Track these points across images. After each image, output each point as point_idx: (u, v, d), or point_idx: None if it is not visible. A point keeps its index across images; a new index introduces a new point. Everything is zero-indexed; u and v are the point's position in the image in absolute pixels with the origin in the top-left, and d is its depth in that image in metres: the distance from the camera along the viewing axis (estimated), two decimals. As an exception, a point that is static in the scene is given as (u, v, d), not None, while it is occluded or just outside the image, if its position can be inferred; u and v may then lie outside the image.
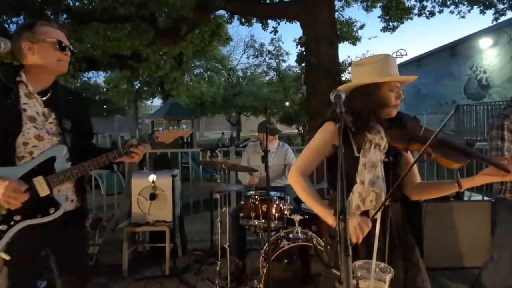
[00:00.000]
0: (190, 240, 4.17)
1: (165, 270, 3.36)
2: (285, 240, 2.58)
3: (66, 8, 5.26)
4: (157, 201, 3.45)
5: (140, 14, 5.72)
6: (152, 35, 6.08)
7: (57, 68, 1.56)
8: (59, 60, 1.54)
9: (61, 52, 1.54)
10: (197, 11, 6.05)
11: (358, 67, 1.53)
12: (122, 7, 5.10)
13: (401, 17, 8.23)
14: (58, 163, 1.52)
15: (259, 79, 22.57)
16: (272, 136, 3.37)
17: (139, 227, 3.44)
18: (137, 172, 3.70)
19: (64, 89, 1.70)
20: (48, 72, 1.57)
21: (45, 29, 1.52)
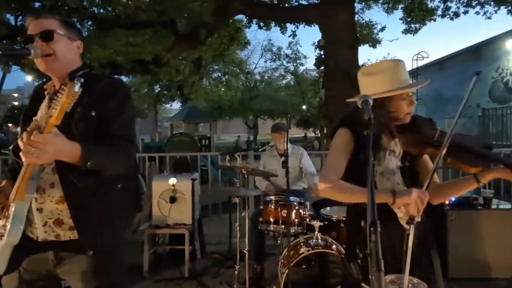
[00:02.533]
0: (208, 242, 4.20)
1: (184, 272, 3.40)
2: (305, 246, 2.55)
3: (91, 15, 5.45)
4: (177, 204, 3.50)
5: (161, 20, 5.85)
6: (172, 40, 6.20)
7: (39, 68, 1.31)
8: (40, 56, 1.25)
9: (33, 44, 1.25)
10: (216, 16, 6.13)
11: (367, 77, 1.47)
12: (144, 14, 5.23)
13: (423, 18, 8.05)
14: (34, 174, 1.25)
15: (276, 83, 22.63)
16: (279, 133, 3.35)
17: (159, 229, 3.50)
18: (157, 175, 3.76)
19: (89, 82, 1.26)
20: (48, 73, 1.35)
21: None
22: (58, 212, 1.27)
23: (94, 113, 1.26)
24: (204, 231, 4.17)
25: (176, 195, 3.50)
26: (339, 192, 1.41)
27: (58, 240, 1.29)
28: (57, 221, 1.28)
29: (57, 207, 1.27)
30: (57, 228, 1.28)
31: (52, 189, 1.27)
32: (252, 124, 26.94)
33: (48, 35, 1.27)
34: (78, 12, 5.25)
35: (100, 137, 1.24)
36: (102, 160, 1.18)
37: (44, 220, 1.27)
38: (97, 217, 1.30)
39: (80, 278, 1.29)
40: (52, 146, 1.02)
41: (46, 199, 1.27)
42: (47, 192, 1.27)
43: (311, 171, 3.51)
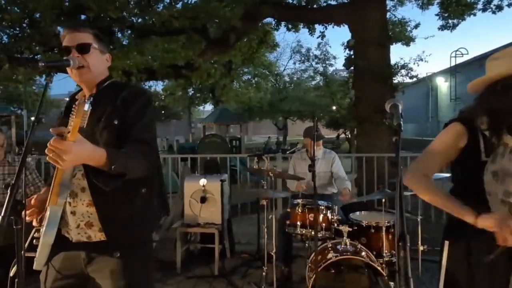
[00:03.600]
0: (238, 242, 4.32)
1: (214, 271, 3.52)
2: (333, 251, 2.54)
3: (130, 24, 5.79)
4: (207, 204, 3.65)
5: (193, 26, 6.07)
6: (204, 45, 6.41)
7: (73, 78, 1.41)
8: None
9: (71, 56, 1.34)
10: (245, 20, 6.26)
11: (494, 61, 1.34)
12: (177, 21, 5.48)
13: (462, 13, 7.63)
14: (64, 181, 1.36)
15: (306, 84, 22.49)
16: (316, 142, 3.37)
17: (190, 228, 3.66)
18: (189, 176, 3.94)
19: (115, 90, 1.42)
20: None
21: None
22: (88, 215, 1.36)
23: (117, 121, 1.33)
24: (234, 231, 4.29)
25: (206, 195, 3.65)
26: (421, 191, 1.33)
27: (89, 241, 1.38)
28: (88, 223, 1.37)
29: (87, 210, 1.36)
30: (88, 230, 1.37)
31: (83, 193, 1.36)
32: (281, 125, 26.95)
33: (85, 48, 1.37)
34: (118, 22, 5.60)
35: (123, 142, 1.30)
36: (125, 163, 1.22)
37: (77, 222, 1.37)
38: (123, 220, 1.37)
39: (108, 277, 1.37)
40: (69, 154, 1.07)
41: (78, 202, 1.36)
42: (79, 196, 1.36)
43: (342, 176, 3.48)
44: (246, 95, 17.07)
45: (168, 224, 4.01)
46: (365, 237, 2.74)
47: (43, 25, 4.97)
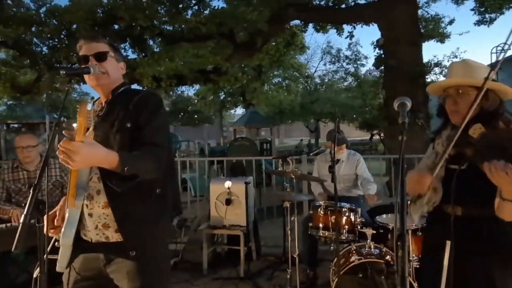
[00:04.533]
0: (264, 244, 4.30)
1: (240, 273, 3.53)
2: (356, 254, 2.48)
3: (159, 32, 6.01)
4: (232, 206, 3.67)
5: (220, 31, 6.18)
6: (231, 49, 6.50)
7: (89, 84, 1.47)
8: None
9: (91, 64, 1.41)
10: (271, 23, 6.27)
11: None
12: (204, 27, 5.60)
13: (500, 7, 7.16)
14: (79, 185, 1.42)
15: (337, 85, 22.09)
16: (338, 146, 3.30)
17: (216, 230, 3.70)
18: (215, 178, 3.99)
19: (128, 95, 1.48)
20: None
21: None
22: (105, 217, 1.40)
23: (129, 124, 1.38)
24: (261, 233, 4.28)
25: (231, 197, 3.67)
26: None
27: (107, 242, 1.42)
28: (104, 224, 1.41)
29: (103, 211, 1.40)
30: (105, 231, 1.41)
31: (98, 195, 1.40)
32: (313, 128, 26.63)
33: (102, 56, 1.45)
34: (149, 30, 5.84)
35: (135, 145, 1.35)
36: (137, 164, 1.27)
37: (95, 223, 1.41)
38: (138, 220, 1.39)
39: (125, 277, 1.39)
40: (78, 154, 1.12)
41: (94, 205, 1.40)
42: (95, 199, 1.40)
43: (367, 179, 3.38)
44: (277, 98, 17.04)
45: (195, 226, 4.09)
46: (391, 241, 2.63)
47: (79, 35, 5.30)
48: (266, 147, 12.06)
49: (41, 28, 5.66)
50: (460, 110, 1.42)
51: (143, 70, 5.52)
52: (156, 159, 1.35)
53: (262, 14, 6.06)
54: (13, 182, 2.94)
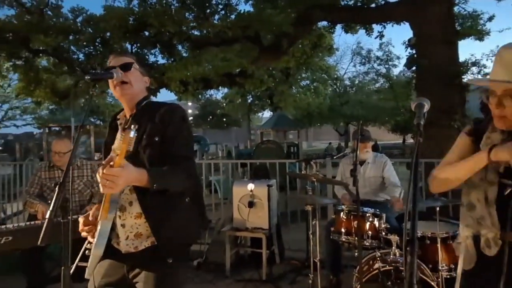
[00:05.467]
0: (288, 248, 4.25)
1: (262, 275, 3.52)
2: (380, 261, 2.39)
3: (187, 37, 6.17)
4: (255, 208, 3.66)
5: (246, 35, 6.23)
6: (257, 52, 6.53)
7: (115, 94, 1.57)
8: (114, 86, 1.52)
9: (111, 80, 1.49)
10: (297, 25, 6.23)
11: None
12: (230, 31, 5.68)
13: (546, 1, 6.64)
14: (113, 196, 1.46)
15: (368, 87, 21.49)
16: (362, 144, 3.20)
17: (239, 232, 3.71)
18: (238, 181, 4.01)
19: (152, 110, 1.54)
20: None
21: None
22: (137, 226, 1.46)
23: (157, 138, 1.43)
24: (285, 237, 4.24)
25: (254, 200, 3.67)
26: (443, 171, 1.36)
27: (136, 251, 1.47)
28: (136, 234, 1.46)
29: (135, 221, 1.46)
30: (136, 240, 1.47)
31: (131, 206, 1.46)
32: (343, 131, 26.10)
33: (127, 66, 1.51)
34: (177, 36, 6.01)
35: (164, 158, 1.40)
36: (166, 180, 1.36)
37: (126, 234, 1.47)
38: (171, 228, 1.44)
39: (152, 283, 1.43)
40: (121, 179, 1.21)
41: (127, 215, 1.46)
42: (127, 210, 1.46)
43: (394, 182, 3.25)
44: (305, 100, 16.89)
45: (219, 227, 4.12)
46: (420, 249, 2.50)
47: (112, 42, 5.56)
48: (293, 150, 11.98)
49: (77, 36, 6.00)
50: (507, 116, 1.15)
51: (171, 75, 5.68)
52: (186, 171, 1.42)
53: (288, 17, 6.05)
54: (49, 180, 3.14)
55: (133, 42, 6.37)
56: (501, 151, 1.13)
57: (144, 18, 5.45)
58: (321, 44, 8.01)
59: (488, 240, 1.20)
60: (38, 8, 5.62)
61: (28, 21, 5.51)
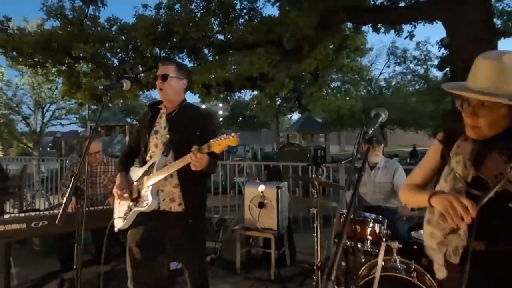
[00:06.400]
0: (299, 251, 4.31)
1: (271, 275, 3.62)
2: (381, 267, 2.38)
3: (210, 42, 6.43)
4: (265, 209, 3.77)
5: (267, 39, 6.35)
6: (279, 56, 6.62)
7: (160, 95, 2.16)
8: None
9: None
10: (319, 28, 6.24)
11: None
12: (250, 35, 5.83)
13: None
14: (156, 167, 2.01)
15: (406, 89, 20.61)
16: (370, 146, 3.19)
17: (249, 231, 3.84)
18: (250, 182, 4.14)
19: (192, 110, 2.17)
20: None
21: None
22: (173, 193, 2.05)
23: (198, 133, 2.03)
24: (298, 240, 4.30)
25: (264, 201, 3.78)
26: (404, 199, 1.46)
27: (170, 211, 2.06)
28: (171, 199, 2.05)
29: (172, 189, 2.05)
30: (171, 203, 2.05)
31: (171, 178, 2.03)
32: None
33: (164, 77, 2.06)
34: (201, 41, 6.27)
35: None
36: (212, 166, 1.95)
37: (163, 197, 2.05)
38: (196, 198, 2.08)
39: (182, 236, 2.06)
40: (204, 162, 1.83)
41: (166, 184, 2.04)
42: (168, 180, 2.03)
43: None
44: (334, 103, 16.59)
45: (232, 226, 4.28)
46: (427, 258, 2.45)
47: (142, 49, 5.94)
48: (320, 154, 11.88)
49: (112, 43, 6.46)
50: (480, 127, 1.12)
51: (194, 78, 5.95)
52: (217, 162, 2.10)
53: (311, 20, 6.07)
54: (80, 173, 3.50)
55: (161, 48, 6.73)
56: (437, 201, 1.17)
57: (170, 26, 5.77)
58: (346, 45, 7.93)
59: (458, 248, 1.19)
60: (78, 19, 6.15)
61: (70, 31, 6.05)
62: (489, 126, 1.11)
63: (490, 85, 1.09)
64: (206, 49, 6.93)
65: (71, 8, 6.15)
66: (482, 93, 1.09)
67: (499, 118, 1.10)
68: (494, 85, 1.08)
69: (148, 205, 1.97)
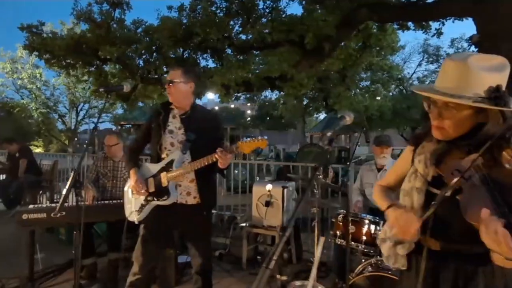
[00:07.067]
0: (307, 250, 4.32)
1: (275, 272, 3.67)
2: (371, 267, 2.40)
3: (230, 43, 6.56)
4: (272, 208, 3.83)
5: (288, 39, 6.37)
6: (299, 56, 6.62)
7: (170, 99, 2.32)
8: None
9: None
10: (341, 27, 6.16)
11: None
12: (269, 36, 5.88)
13: None
14: (174, 164, 2.18)
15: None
16: (379, 148, 3.16)
17: (255, 229, 3.91)
18: (258, 181, 4.21)
19: (202, 111, 2.40)
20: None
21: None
22: (189, 188, 2.24)
23: (212, 133, 2.25)
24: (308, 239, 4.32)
25: (271, 200, 3.84)
26: (375, 194, 1.47)
27: (185, 204, 2.25)
28: (187, 192, 2.24)
29: (189, 184, 2.24)
30: (187, 197, 2.24)
31: (188, 174, 2.21)
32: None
33: (171, 82, 2.24)
34: (221, 42, 6.42)
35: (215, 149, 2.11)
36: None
37: (180, 191, 2.23)
38: (209, 192, 2.29)
39: (195, 227, 2.30)
40: (229, 160, 2.08)
41: (184, 179, 2.23)
42: (185, 176, 2.22)
43: None
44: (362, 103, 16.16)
45: (241, 223, 4.38)
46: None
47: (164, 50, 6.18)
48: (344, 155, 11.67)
49: (137, 45, 6.77)
50: (446, 128, 1.14)
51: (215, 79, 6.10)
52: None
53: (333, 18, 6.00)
54: (103, 168, 3.73)
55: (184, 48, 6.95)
56: (390, 214, 1.25)
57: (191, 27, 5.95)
58: (371, 44, 7.73)
59: (410, 245, 1.23)
60: (106, 22, 6.51)
61: (98, 34, 6.42)
62: (454, 127, 1.12)
63: (455, 87, 1.09)
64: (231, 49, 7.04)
65: (99, 11, 6.53)
66: (446, 95, 1.09)
67: (463, 119, 1.10)
68: (459, 87, 1.08)
69: (168, 198, 2.17)
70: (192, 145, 2.18)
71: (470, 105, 1.06)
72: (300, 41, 6.53)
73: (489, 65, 1.08)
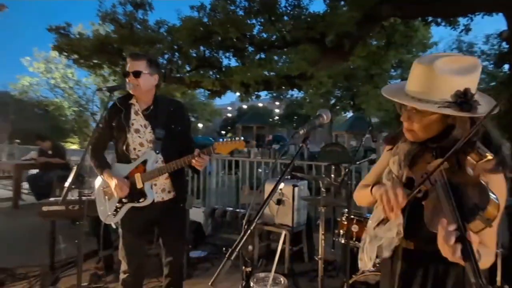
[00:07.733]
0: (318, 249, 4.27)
1: (285, 269, 3.67)
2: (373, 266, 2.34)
3: (250, 41, 6.59)
4: (283, 206, 3.81)
5: (309, 36, 6.31)
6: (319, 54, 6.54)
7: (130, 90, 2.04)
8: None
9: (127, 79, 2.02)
10: (362, 24, 6.02)
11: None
12: (288, 34, 5.86)
13: None
14: (148, 164, 2.06)
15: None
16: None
17: (266, 226, 3.91)
18: (270, 179, 4.20)
19: (164, 103, 2.12)
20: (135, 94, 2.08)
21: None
22: (164, 184, 2.16)
23: (180, 128, 2.14)
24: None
25: (282, 198, 3.82)
26: (357, 199, 1.45)
27: (162, 201, 2.17)
28: (163, 189, 2.17)
29: (164, 181, 2.16)
30: (162, 193, 2.17)
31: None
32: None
33: (137, 74, 2.00)
34: (240, 40, 6.47)
35: (183, 143, 2.14)
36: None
37: (156, 190, 2.15)
38: (182, 185, 2.30)
39: (172, 219, 2.21)
40: (207, 162, 2.02)
41: (159, 178, 2.12)
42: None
43: None
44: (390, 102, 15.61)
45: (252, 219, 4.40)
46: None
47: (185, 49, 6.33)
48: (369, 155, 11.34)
49: (161, 45, 6.98)
50: (415, 130, 1.13)
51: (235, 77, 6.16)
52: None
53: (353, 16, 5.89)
54: None
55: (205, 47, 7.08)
56: (375, 190, 1.23)
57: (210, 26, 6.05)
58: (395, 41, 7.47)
59: (390, 244, 1.23)
60: (129, 23, 6.76)
61: (122, 34, 6.69)
62: (422, 130, 1.12)
63: (422, 91, 1.06)
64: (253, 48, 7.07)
65: (123, 13, 6.79)
66: (414, 99, 1.06)
67: (431, 123, 1.09)
68: (426, 92, 1.05)
69: (145, 200, 2.08)
70: (162, 143, 2.07)
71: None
72: (320, 39, 6.45)
73: (457, 67, 1.03)
